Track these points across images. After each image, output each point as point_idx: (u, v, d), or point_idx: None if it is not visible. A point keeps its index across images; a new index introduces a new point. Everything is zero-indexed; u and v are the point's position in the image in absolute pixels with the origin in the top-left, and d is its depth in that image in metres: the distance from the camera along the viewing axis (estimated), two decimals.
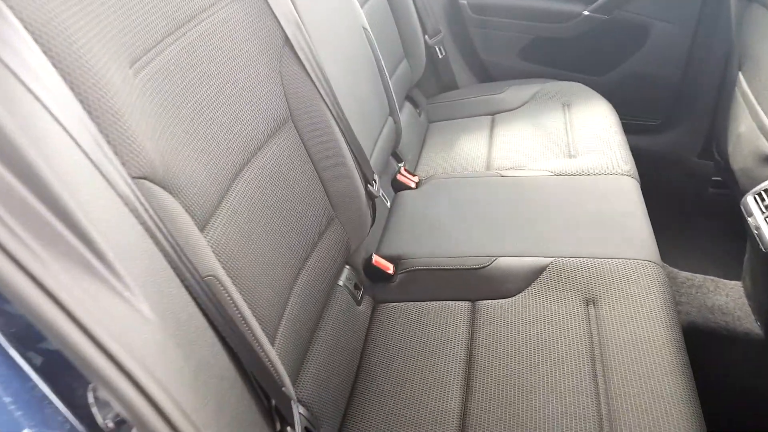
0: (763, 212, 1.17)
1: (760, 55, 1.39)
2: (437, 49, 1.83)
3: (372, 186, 1.10)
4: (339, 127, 1.03)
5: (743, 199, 1.24)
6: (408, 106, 1.74)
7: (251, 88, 0.87)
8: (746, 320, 1.46)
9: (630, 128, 1.64)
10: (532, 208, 1.27)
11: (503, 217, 1.26)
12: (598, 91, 1.72)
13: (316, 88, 0.99)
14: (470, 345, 1.02)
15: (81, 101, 0.54)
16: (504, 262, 1.13)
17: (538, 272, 1.10)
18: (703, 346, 1.43)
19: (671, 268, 1.62)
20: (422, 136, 1.73)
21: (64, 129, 0.48)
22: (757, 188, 1.22)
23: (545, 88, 1.74)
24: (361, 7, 1.45)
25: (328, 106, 1.00)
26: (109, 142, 0.56)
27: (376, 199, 1.12)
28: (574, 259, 1.10)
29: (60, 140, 0.47)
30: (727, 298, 1.51)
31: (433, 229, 1.26)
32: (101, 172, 0.50)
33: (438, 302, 1.11)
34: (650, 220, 1.23)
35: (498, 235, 1.20)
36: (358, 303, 1.12)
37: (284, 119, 0.95)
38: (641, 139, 1.83)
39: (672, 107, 1.84)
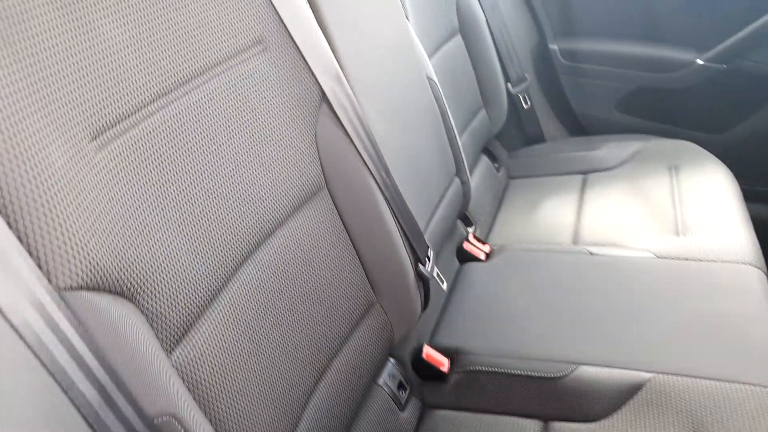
0: None
1: None
2: (521, 98, 1.64)
3: (424, 266, 0.92)
4: (384, 194, 0.86)
5: None
6: (485, 160, 1.55)
7: (277, 154, 0.72)
8: None
9: (750, 197, 1.36)
10: (629, 301, 1.03)
11: (591, 310, 1.02)
12: (712, 152, 1.45)
13: (357, 150, 0.83)
14: None
15: None
16: (588, 372, 0.89)
17: (632, 391, 0.86)
18: None
19: None
20: (499, 194, 1.53)
21: None
22: None
23: (648, 147, 1.49)
24: (434, 53, 1.30)
25: (371, 171, 0.84)
26: (23, 241, 0.42)
27: (430, 281, 0.93)
28: (681, 378, 0.86)
29: None
30: None
31: (503, 318, 1.05)
32: None
33: (501, 417, 0.89)
34: None
35: (583, 333, 0.97)
36: (402, 408, 0.92)
37: (318, 187, 0.79)
38: (764, 209, 1.53)
39: None
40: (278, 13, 0.77)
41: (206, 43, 0.66)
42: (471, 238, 1.28)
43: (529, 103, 1.66)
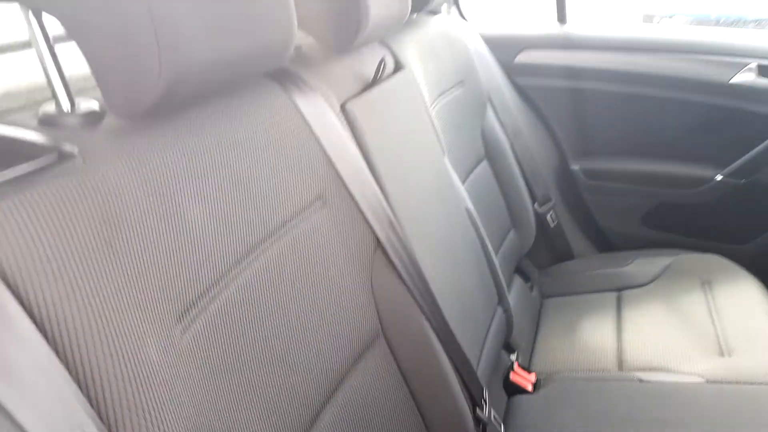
0: None
1: None
2: (548, 217, 1.69)
3: (481, 409, 0.91)
4: (439, 337, 0.87)
5: None
6: (518, 280, 1.57)
7: (338, 308, 0.75)
8: None
9: None
10: (689, 430, 1.01)
11: None
12: (738, 262, 1.48)
13: (411, 293, 0.85)
14: None
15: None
16: None
17: None
18: None
19: None
20: (536, 315, 1.54)
21: None
22: None
23: (678, 261, 1.52)
24: (465, 180, 1.35)
25: (425, 314, 0.86)
26: None
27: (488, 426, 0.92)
28: None
29: None
30: None
31: None
32: None
33: None
34: None
35: None
36: None
37: (375, 335, 0.81)
38: None
39: None
40: (336, 169, 0.82)
41: (273, 206, 0.70)
42: (516, 367, 1.28)
43: (556, 221, 1.71)
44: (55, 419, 0.39)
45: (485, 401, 0.94)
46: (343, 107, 0.88)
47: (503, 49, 1.71)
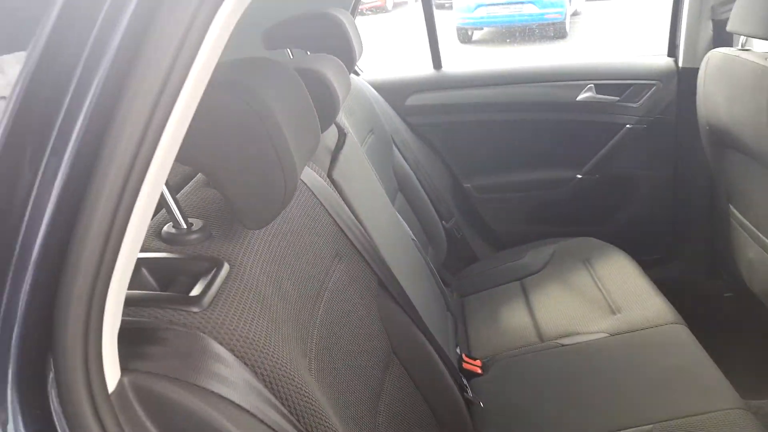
0: None
1: (749, 191, 1.58)
2: (454, 230, 1.99)
3: (468, 394, 1.16)
4: (432, 346, 1.10)
5: None
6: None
7: (361, 339, 0.95)
8: None
9: (644, 266, 1.78)
10: (609, 376, 1.33)
11: (583, 390, 1.31)
12: (605, 240, 1.88)
13: (410, 317, 1.07)
14: None
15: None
16: None
17: None
18: None
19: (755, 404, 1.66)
20: (461, 313, 1.82)
21: None
22: None
23: (561, 247, 1.88)
24: None
25: (422, 331, 1.08)
26: None
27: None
28: (673, 421, 1.16)
29: None
30: None
31: (527, 420, 1.29)
32: None
33: None
34: None
35: (586, 412, 1.25)
36: None
37: (389, 357, 1.02)
38: (650, 273, 1.97)
39: (670, 241, 2.01)
40: (341, 228, 1.02)
41: (318, 268, 0.88)
42: (465, 358, 1.54)
43: (460, 232, 2.02)
44: None
45: (467, 387, 1.18)
46: (330, 177, 1.08)
47: (394, 94, 1.98)
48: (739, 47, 1.51)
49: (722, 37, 1.74)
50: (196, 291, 0.60)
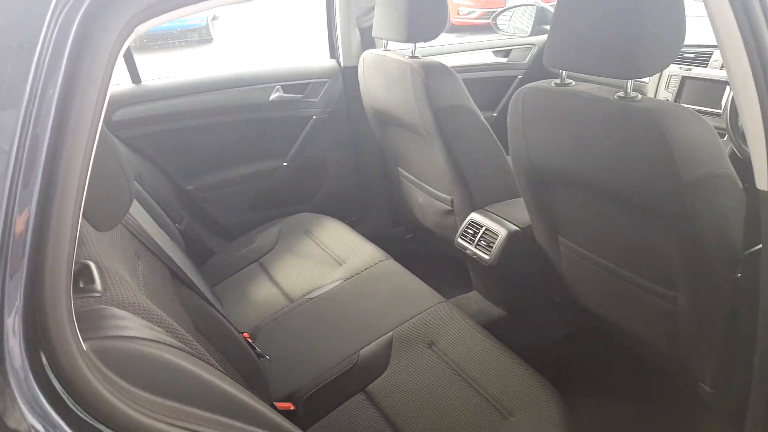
0: (471, 243, 1.87)
1: (408, 154, 2.14)
2: (188, 231, 2.13)
3: (258, 350, 1.40)
4: (225, 319, 1.31)
5: (455, 241, 1.93)
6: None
7: (173, 320, 1.12)
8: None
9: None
10: (351, 309, 1.71)
11: (336, 325, 1.67)
12: (316, 212, 2.28)
13: (202, 298, 1.26)
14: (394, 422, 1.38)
15: None
16: (366, 351, 1.54)
17: (390, 345, 1.55)
18: None
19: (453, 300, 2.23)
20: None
21: None
22: (459, 232, 1.93)
23: (284, 226, 2.20)
24: None
25: (213, 307, 1.28)
26: None
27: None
28: (403, 325, 1.59)
29: None
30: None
31: (297, 361, 1.58)
32: None
33: (345, 406, 1.44)
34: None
35: (342, 339, 1.60)
36: None
37: (194, 334, 1.20)
38: (356, 230, 2.47)
39: (361, 203, 2.53)
40: (134, 235, 1.14)
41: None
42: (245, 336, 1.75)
43: (194, 232, 2.17)
44: None
45: (255, 347, 1.42)
46: None
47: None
48: (384, 48, 2.03)
49: (369, 41, 2.27)
50: (89, 283, 0.72)
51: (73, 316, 0.56)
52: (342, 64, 2.32)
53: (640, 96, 1.19)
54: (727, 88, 1.98)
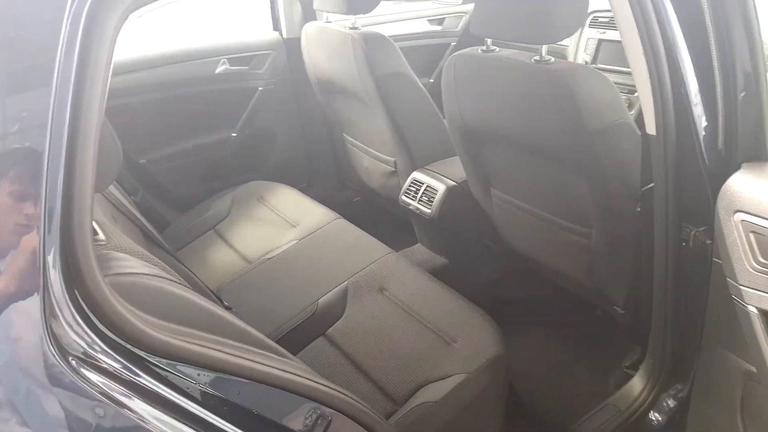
0: (414, 199, 2.04)
1: (355, 121, 2.28)
2: (144, 203, 2.21)
3: (226, 304, 1.53)
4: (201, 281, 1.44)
5: (400, 199, 2.10)
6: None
7: None
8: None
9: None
10: (307, 265, 1.86)
11: (295, 279, 1.81)
12: (267, 180, 2.40)
13: (177, 260, 1.38)
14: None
15: None
16: (323, 300, 1.70)
17: (345, 293, 1.71)
18: None
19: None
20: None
21: None
22: (403, 190, 2.09)
23: (237, 194, 2.30)
24: None
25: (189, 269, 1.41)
26: None
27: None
28: (357, 274, 1.76)
29: None
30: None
31: (261, 311, 1.73)
32: None
33: (308, 349, 1.60)
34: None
35: (303, 291, 1.75)
36: None
37: None
38: (306, 193, 2.60)
39: (310, 169, 2.66)
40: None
41: None
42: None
43: (149, 204, 2.25)
44: None
45: (222, 302, 1.55)
46: None
47: None
48: (326, 20, 2.14)
49: (310, 13, 2.37)
50: (94, 234, 0.85)
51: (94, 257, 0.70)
52: (285, 36, 2.42)
53: (553, 59, 1.37)
54: None
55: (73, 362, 0.67)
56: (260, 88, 2.42)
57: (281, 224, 2.12)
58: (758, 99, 1.11)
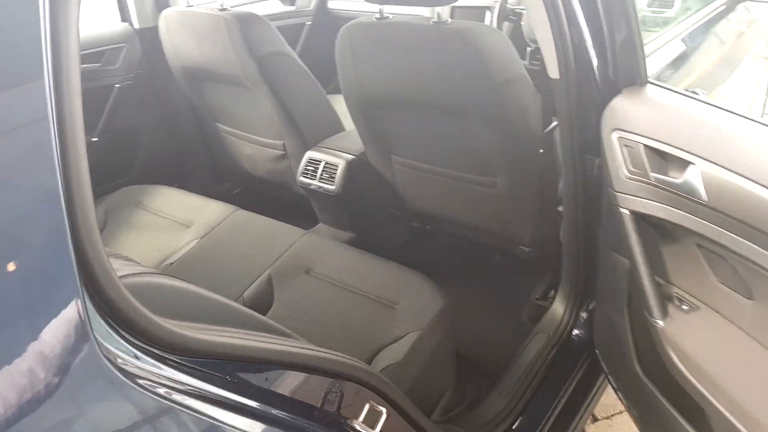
0: (313, 178, 2.02)
1: (229, 108, 2.20)
2: None
3: None
4: None
5: (298, 180, 2.06)
6: None
7: None
8: None
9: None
10: (225, 260, 1.77)
11: (210, 281, 1.71)
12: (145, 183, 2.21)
13: None
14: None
15: None
16: (248, 292, 1.63)
17: (270, 282, 1.65)
18: None
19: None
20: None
21: None
22: (299, 171, 2.06)
23: (109, 203, 2.06)
24: None
25: None
26: None
27: None
28: (277, 261, 1.70)
29: None
30: None
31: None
32: None
33: None
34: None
35: (224, 289, 1.66)
36: None
37: None
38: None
39: (181, 166, 2.51)
40: None
41: None
42: None
43: None
44: None
45: None
46: None
47: None
48: (187, 5, 2.01)
49: (162, 0, 2.21)
50: None
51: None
52: (137, 26, 2.23)
53: (450, 20, 1.44)
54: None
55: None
56: (117, 86, 2.21)
57: (172, 227, 1.98)
58: (631, 36, 1.28)
